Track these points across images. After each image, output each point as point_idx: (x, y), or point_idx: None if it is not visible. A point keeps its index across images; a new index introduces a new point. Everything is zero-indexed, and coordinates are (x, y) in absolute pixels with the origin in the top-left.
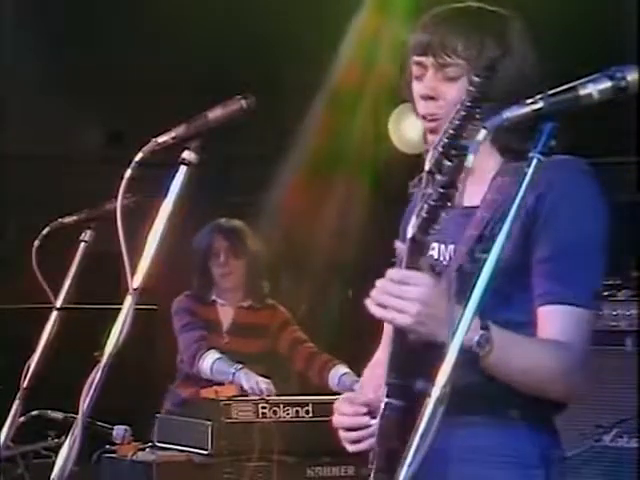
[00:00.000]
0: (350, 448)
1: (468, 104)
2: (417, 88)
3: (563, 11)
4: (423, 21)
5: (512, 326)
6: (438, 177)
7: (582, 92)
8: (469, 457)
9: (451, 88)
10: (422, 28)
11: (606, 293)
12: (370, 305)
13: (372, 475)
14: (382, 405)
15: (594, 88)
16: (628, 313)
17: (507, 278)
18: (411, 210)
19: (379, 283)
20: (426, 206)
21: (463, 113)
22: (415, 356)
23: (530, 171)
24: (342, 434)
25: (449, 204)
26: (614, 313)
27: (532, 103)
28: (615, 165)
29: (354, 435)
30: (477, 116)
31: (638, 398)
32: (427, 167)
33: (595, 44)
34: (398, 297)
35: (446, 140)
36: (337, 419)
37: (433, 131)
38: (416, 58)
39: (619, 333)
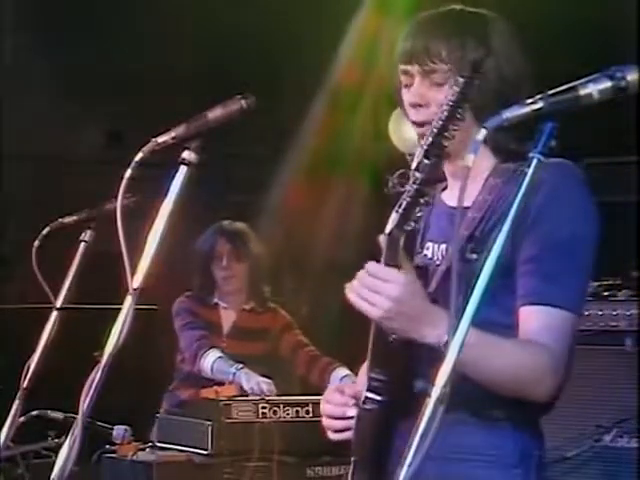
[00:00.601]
0: (333, 437)
1: (451, 104)
2: (406, 96)
3: (563, 11)
4: (407, 29)
5: (495, 327)
6: (417, 174)
7: (582, 92)
8: (450, 455)
9: (439, 93)
10: (406, 36)
11: (606, 293)
12: (349, 292)
13: (351, 466)
14: (362, 398)
15: (594, 88)
16: (628, 313)
17: (492, 279)
18: None
19: (359, 273)
20: (403, 203)
21: (446, 113)
22: (394, 352)
23: (530, 171)
24: (326, 422)
25: (422, 201)
26: (614, 313)
27: (532, 103)
28: (615, 165)
29: (337, 424)
30: (458, 116)
31: (638, 398)
32: (413, 165)
33: (595, 44)
34: (372, 290)
35: (429, 139)
36: (324, 406)
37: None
38: (402, 67)
39: (619, 333)
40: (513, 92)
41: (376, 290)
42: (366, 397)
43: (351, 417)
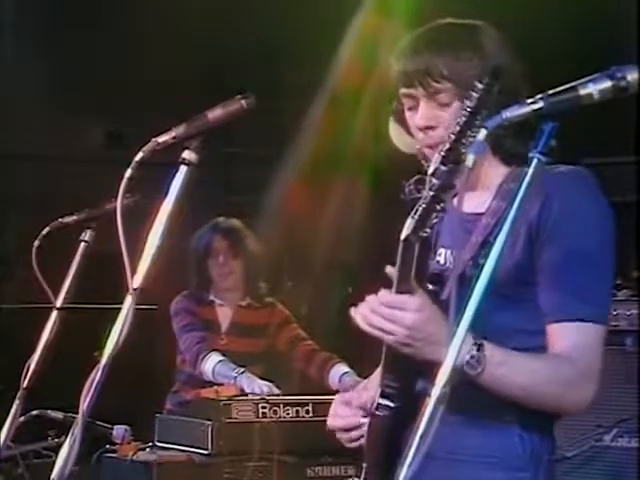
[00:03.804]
0: (349, 445)
1: (469, 110)
2: (412, 119)
3: (564, 11)
4: (401, 50)
5: (513, 332)
6: (433, 180)
7: (582, 92)
8: (457, 457)
9: (447, 113)
10: (401, 57)
11: None
12: (359, 319)
13: (363, 472)
14: (375, 404)
15: (594, 88)
16: (628, 313)
17: (512, 285)
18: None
19: (369, 302)
20: (419, 209)
21: (464, 119)
22: (408, 360)
23: (530, 171)
24: (339, 435)
25: (438, 207)
26: (614, 313)
27: (532, 103)
28: (615, 165)
29: (353, 435)
30: (477, 123)
31: (638, 398)
32: (430, 171)
33: (595, 44)
34: (387, 320)
35: (447, 145)
36: (332, 421)
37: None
38: (405, 90)
39: (619, 333)
40: (511, 96)
41: (391, 319)
42: (379, 403)
43: (361, 425)
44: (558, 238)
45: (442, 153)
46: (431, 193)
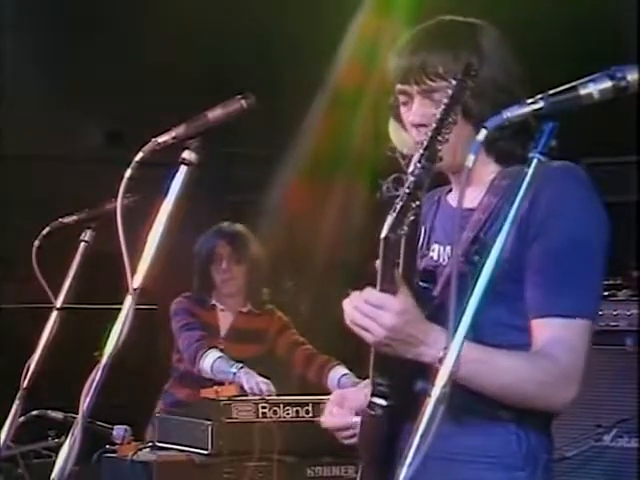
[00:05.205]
0: (346, 442)
1: (444, 107)
2: (406, 115)
3: (563, 11)
4: (400, 47)
5: (505, 329)
6: (410, 178)
7: (582, 92)
8: (454, 456)
9: None
10: (399, 53)
11: (606, 293)
12: (345, 315)
13: (360, 470)
14: (367, 403)
15: (594, 88)
16: (628, 313)
17: (503, 282)
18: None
19: (353, 299)
20: (396, 207)
21: (439, 116)
22: (397, 359)
23: (530, 171)
24: (336, 434)
25: (414, 205)
26: (614, 313)
27: (532, 103)
28: (615, 165)
29: (346, 434)
30: (451, 120)
31: (638, 398)
32: (410, 169)
33: (595, 44)
34: (368, 318)
35: (425, 143)
36: (325, 420)
37: None
38: (400, 87)
39: (619, 333)
40: (507, 97)
41: (372, 317)
42: (371, 402)
43: (355, 425)
44: (545, 235)
45: (420, 151)
46: (406, 191)
